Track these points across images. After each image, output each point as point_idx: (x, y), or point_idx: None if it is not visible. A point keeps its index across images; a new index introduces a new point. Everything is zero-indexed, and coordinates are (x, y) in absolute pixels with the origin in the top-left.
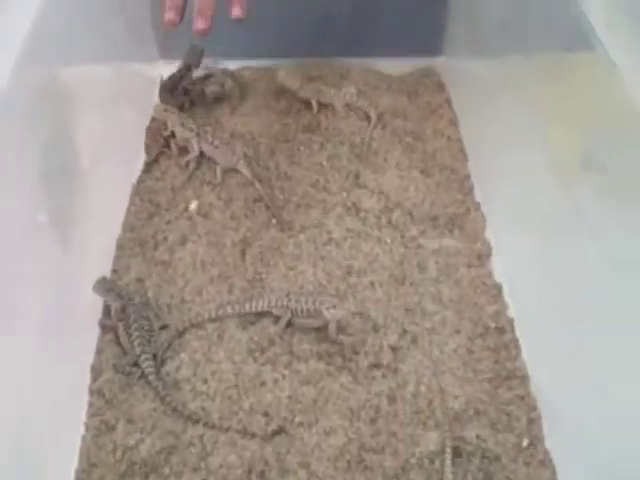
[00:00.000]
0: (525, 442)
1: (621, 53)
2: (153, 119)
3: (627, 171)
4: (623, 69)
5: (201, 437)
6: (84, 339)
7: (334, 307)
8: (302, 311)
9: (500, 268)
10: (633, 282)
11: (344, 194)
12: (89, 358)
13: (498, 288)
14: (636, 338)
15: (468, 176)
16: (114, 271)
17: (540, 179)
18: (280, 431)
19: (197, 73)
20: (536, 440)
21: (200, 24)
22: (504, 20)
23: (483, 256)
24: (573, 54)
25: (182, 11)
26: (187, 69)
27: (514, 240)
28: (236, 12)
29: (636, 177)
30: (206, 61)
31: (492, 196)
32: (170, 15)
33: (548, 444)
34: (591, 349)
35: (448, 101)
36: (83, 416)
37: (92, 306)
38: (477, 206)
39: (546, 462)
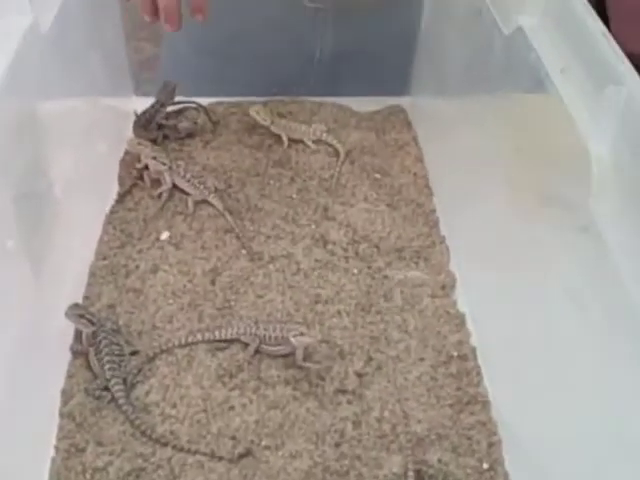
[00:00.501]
0: (485, 465)
1: (572, 95)
2: (127, 152)
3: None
4: (573, 110)
5: (169, 460)
6: (55, 363)
7: (301, 334)
8: (270, 338)
9: (463, 298)
10: (591, 311)
11: (313, 226)
12: (60, 382)
13: (461, 317)
14: (594, 364)
15: (433, 210)
16: (86, 297)
17: (502, 213)
18: (247, 454)
19: (171, 108)
20: (496, 464)
21: (168, 29)
22: (468, 62)
23: (447, 287)
24: (531, 95)
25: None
26: (161, 105)
27: (477, 271)
28: (199, 18)
29: (589, 213)
30: (179, 97)
31: (456, 229)
32: (147, 18)
33: (508, 467)
34: (551, 376)
35: (415, 138)
36: (53, 439)
37: (64, 332)
38: (442, 239)
39: None
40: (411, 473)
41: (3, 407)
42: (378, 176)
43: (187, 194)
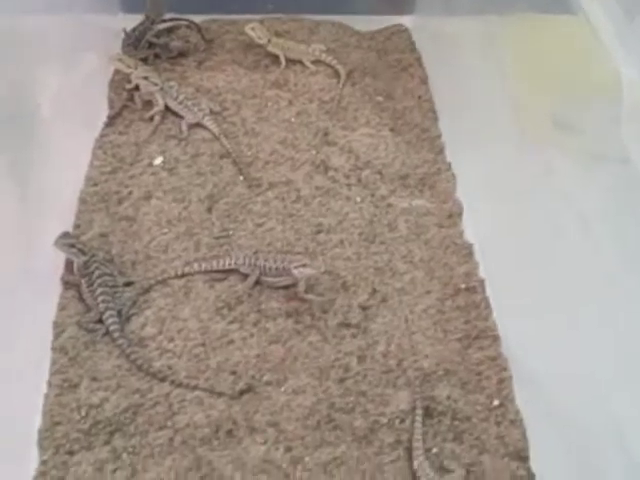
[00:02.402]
0: (496, 402)
1: (601, 19)
2: (117, 72)
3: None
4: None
5: (167, 396)
6: (46, 295)
7: (304, 266)
8: (270, 269)
9: (471, 228)
10: (600, 238)
11: (313, 152)
12: (51, 314)
13: (469, 248)
14: (605, 294)
15: (439, 136)
16: (77, 226)
17: (513, 139)
18: (248, 390)
19: (162, 25)
20: (506, 400)
21: None
22: None
23: (454, 216)
24: (551, 16)
25: None
26: (151, 22)
27: (485, 200)
28: None
29: (607, 137)
30: (170, 15)
31: (463, 156)
32: None
33: (519, 404)
34: (561, 308)
35: (419, 60)
36: (46, 374)
37: (54, 262)
38: (448, 166)
39: (516, 422)
40: (419, 410)
41: None
42: (380, 99)
43: (180, 117)
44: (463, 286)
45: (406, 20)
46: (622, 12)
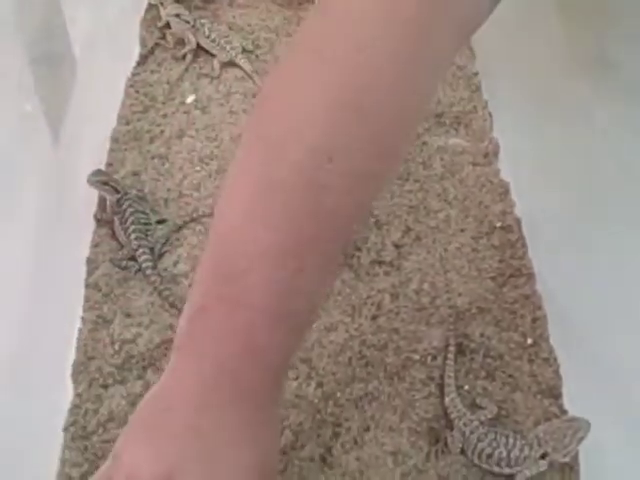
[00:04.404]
0: (529, 340)
1: None
2: (148, 10)
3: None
4: None
5: None
6: (79, 232)
7: None
8: None
9: (507, 167)
10: None
11: None
12: (85, 251)
13: (505, 187)
14: None
15: (475, 73)
16: (109, 164)
17: (550, 76)
18: None
19: None
20: (540, 339)
21: None
22: None
23: (490, 154)
24: None
25: None
26: None
27: (522, 139)
28: None
29: None
30: None
31: (500, 94)
32: None
33: (553, 342)
34: (597, 248)
35: None
36: (79, 310)
37: (87, 199)
38: (484, 104)
39: (550, 360)
40: (452, 348)
41: (28, 276)
42: None
43: (212, 55)
44: (498, 224)
45: None
46: None
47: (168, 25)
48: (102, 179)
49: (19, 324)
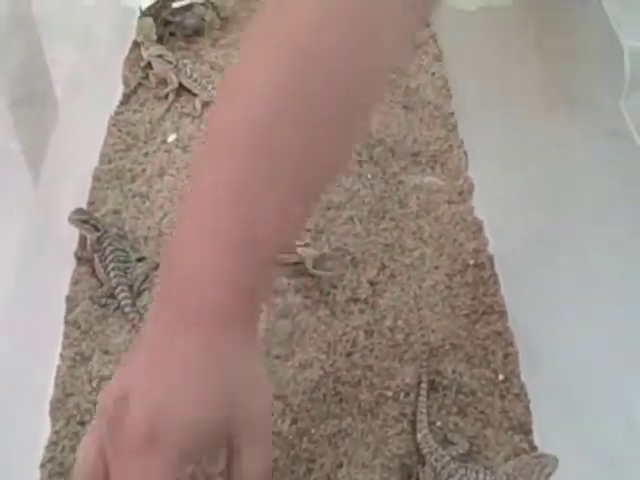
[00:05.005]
0: (501, 377)
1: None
2: (132, 50)
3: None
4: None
5: None
6: (59, 270)
7: (306, 245)
8: None
9: (481, 205)
10: (613, 215)
11: None
12: (64, 289)
13: (479, 224)
14: (615, 275)
15: (452, 113)
16: (91, 203)
17: (525, 116)
18: None
19: (178, 4)
20: (512, 375)
21: None
22: None
23: (465, 192)
24: None
25: None
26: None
27: (496, 177)
28: None
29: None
30: None
31: (475, 133)
32: None
33: (524, 379)
34: (570, 286)
35: (433, 36)
36: (59, 347)
37: (68, 238)
38: (460, 143)
39: (521, 396)
40: (424, 384)
41: (7, 314)
42: (394, 76)
43: (194, 95)
44: (472, 262)
45: None
46: None
47: (150, 65)
48: (83, 217)
49: None
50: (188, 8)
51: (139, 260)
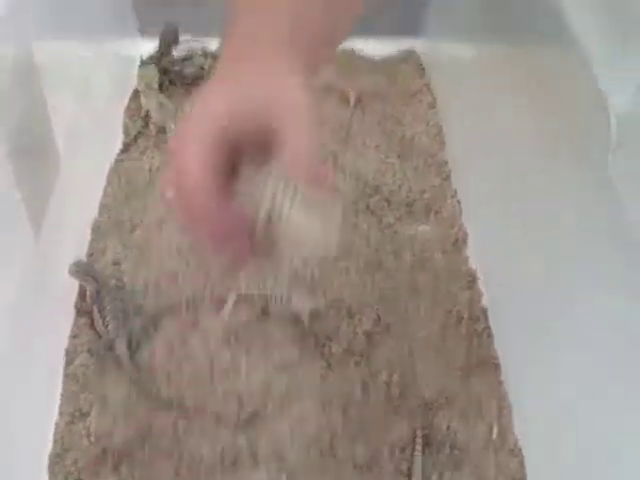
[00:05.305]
0: (495, 431)
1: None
2: (132, 99)
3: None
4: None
5: (174, 424)
6: (59, 322)
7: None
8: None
9: (475, 255)
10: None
11: None
12: (64, 341)
13: (473, 275)
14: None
15: (446, 162)
16: (90, 254)
17: (517, 166)
18: (253, 418)
19: (177, 54)
20: (505, 429)
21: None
22: (487, 3)
23: (459, 242)
24: (550, 44)
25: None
26: (166, 47)
27: (490, 226)
28: None
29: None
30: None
31: (469, 182)
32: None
33: (517, 433)
34: (565, 338)
35: (427, 85)
36: (57, 400)
37: (68, 289)
38: (454, 192)
39: (515, 451)
40: (419, 439)
41: (5, 368)
42: (389, 125)
43: None
44: (466, 315)
45: (416, 44)
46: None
47: (149, 115)
48: (82, 269)
49: None
50: (188, 58)
51: (137, 312)
